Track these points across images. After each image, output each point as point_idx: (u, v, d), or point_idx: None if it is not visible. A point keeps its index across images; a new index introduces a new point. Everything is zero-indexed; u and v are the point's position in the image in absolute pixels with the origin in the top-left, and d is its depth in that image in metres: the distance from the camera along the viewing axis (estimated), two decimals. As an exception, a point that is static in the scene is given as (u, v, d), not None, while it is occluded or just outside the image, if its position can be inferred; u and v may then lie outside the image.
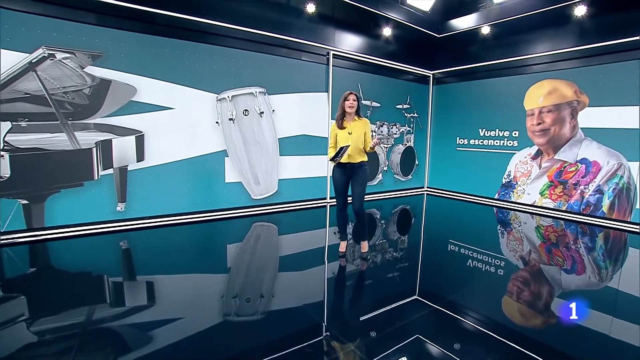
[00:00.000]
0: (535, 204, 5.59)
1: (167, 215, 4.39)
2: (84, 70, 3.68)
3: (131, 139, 3.99)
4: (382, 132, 6.45)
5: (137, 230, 4.13)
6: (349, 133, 3.14)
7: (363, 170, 3.26)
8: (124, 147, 3.95)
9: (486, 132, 6.19)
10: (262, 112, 5.00)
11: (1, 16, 3.29)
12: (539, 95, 5.49)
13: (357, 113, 3.19)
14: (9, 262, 3.31)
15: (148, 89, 4.07)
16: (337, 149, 3.13)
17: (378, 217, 5.62)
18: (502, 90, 5.95)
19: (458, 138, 6.67)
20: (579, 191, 5.12)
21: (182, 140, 4.40)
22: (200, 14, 4.26)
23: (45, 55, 3.47)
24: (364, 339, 2.19)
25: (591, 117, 5.00)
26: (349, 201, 3.40)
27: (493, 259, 3.63)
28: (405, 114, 6.81)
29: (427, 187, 7.36)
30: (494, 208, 5.99)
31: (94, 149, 3.75)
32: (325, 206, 5.77)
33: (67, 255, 3.55)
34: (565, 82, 5.21)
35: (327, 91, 5.61)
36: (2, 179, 3.39)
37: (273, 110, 5.10)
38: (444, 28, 6.41)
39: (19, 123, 3.45)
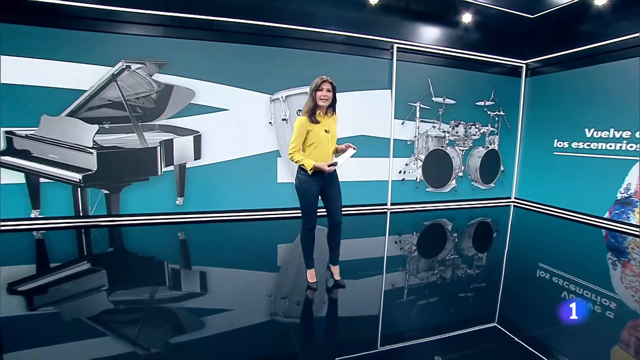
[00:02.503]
0: (668, 230, 4.13)
1: (221, 211, 4.65)
2: (152, 77, 4.16)
3: (190, 139, 4.36)
4: (457, 132, 5.68)
5: (193, 224, 4.50)
6: (325, 131, 2.53)
7: (337, 177, 2.73)
8: (183, 146, 4.34)
9: (595, 132, 4.85)
10: (317, 113, 4.89)
11: (91, 39, 3.96)
12: (681, 82, 4.04)
13: (332, 106, 2.57)
14: (94, 241, 3.98)
15: (205, 91, 4.38)
16: (317, 153, 2.52)
17: (450, 228, 4.97)
18: (620, 78, 4.56)
19: (556, 140, 5.40)
20: None
21: (236, 140, 4.61)
22: (254, 17, 4.37)
23: (124, 67, 4.03)
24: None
25: None
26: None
27: (600, 296, 2.80)
28: (488, 112, 5.85)
29: (515, 198, 6.20)
30: (604, 230, 4.67)
31: (158, 147, 4.20)
32: (385, 212, 5.36)
33: (136, 239, 4.12)
34: None
35: (390, 88, 5.20)
36: (90, 172, 4.06)
37: (328, 110, 4.94)
38: (540, 6, 5.24)
39: (104, 125, 4.10)
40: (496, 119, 5.91)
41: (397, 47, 5.07)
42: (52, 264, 3.43)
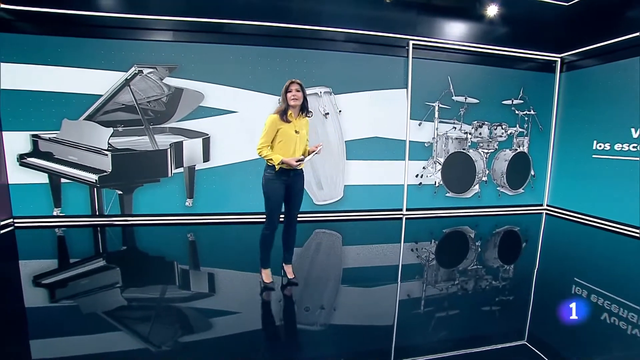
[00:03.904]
0: None
1: (229, 213, 4.66)
2: (163, 81, 4.27)
3: (199, 141, 4.41)
4: (480, 134, 5.27)
5: (202, 225, 4.56)
6: (295, 131, 2.59)
7: (303, 177, 2.80)
8: (192, 149, 4.40)
9: (643, 132, 4.28)
10: (327, 113, 4.77)
11: (107, 46, 4.13)
12: None
13: (304, 109, 2.65)
14: (109, 239, 4.17)
15: (214, 94, 4.42)
16: (283, 150, 2.57)
17: (472, 236, 4.63)
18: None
19: (595, 142, 4.84)
20: None
21: (245, 142, 4.58)
22: (263, 18, 4.32)
23: (137, 72, 4.17)
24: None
25: None
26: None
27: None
28: (517, 111, 5.38)
29: (547, 206, 5.65)
30: (651, 244, 4.11)
31: (169, 149, 4.29)
32: (400, 218, 5.11)
33: (147, 238, 4.26)
34: None
35: (405, 87, 4.94)
36: (106, 173, 4.24)
37: (339, 111, 4.80)
38: (576, -8, 4.76)
39: (117, 128, 4.26)
40: (525, 118, 5.43)
41: (413, 44, 4.81)
42: (71, 260, 3.67)
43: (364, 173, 5.01)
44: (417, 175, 5.21)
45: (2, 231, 4.07)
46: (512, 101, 5.33)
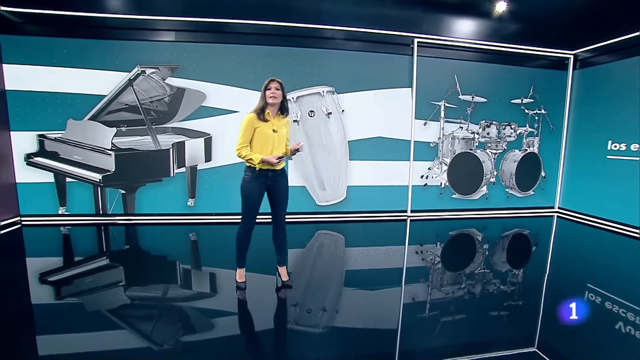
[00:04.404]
0: None
1: (231, 213, 4.65)
2: (165, 81, 4.29)
3: (200, 141, 4.42)
4: (488, 134, 5.12)
5: (204, 225, 4.56)
6: (273, 130, 2.54)
7: (286, 178, 2.74)
8: (194, 148, 4.40)
9: (661, 132, 4.08)
10: (330, 113, 4.71)
11: (110, 47, 4.18)
12: None
13: (282, 109, 2.60)
14: (113, 238, 4.20)
15: (216, 94, 4.42)
16: (261, 149, 2.54)
17: (480, 239, 4.50)
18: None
19: (610, 142, 4.63)
20: None
21: (247, 143, 4.59)
22: (264, 17, 4.31)
23: (139, 72, 4.20)
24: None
25: None
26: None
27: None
28: (527, 111, 5.20)
29: (559, 208, 5.45)
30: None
31: (171, 149, 4.30)
32: (405, 220, 5.01)
33: (150, 238, 4.27)
34: None
35: (410, 86, 4.84)
36: (109, 173, 4.28)
37: (342, 111, 4.74)
38: (589, -14, 4.56)
39: (121, 128, 4.31)
40: (536, 118, 5.24)
41: (418, 42, 4.71)
42: (76, 258, 3.71)
43: (367, 173, 4.93)
44: (422, 176, 5.10)
45: (10, 229, 4.16)
46: (522, 100, 5.15)
